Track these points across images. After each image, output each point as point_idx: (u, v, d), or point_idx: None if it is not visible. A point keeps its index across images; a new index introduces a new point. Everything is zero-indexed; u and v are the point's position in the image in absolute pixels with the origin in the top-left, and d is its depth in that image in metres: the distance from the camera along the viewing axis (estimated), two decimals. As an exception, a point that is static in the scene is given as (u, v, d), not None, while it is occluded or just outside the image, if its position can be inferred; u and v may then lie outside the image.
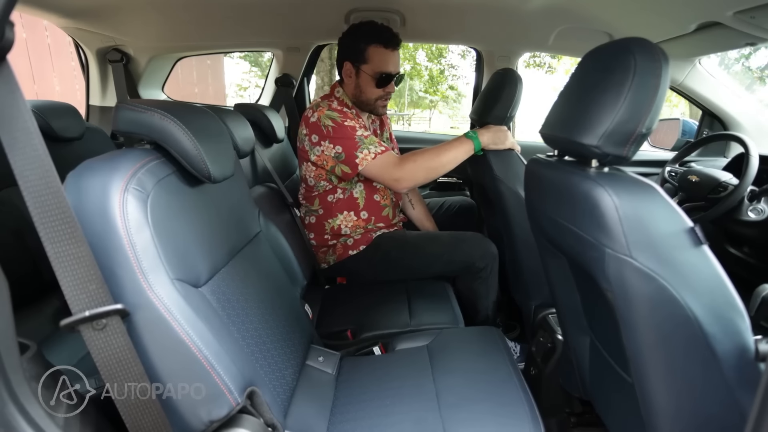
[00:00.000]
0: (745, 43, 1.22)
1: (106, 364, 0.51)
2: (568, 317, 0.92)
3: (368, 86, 1.35)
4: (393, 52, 1.32)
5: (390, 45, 1.31)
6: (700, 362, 0.57)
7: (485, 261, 1.35)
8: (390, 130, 1.64)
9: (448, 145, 1.28)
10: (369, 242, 1.41)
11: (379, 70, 1.32)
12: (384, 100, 1.39)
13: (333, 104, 1.33)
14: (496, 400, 0.83)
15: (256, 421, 0.63)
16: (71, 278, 0.48)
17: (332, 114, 1.29)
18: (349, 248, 1.40)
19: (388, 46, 1.31)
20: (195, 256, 0.67)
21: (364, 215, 1.41)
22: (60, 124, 1.27)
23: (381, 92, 1.36)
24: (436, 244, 1.38)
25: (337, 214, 1.39)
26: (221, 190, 0.82)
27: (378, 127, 1.55)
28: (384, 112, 1.44)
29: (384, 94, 1.37)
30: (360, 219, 1.41)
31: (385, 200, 1.45)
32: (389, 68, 1.33)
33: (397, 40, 1.33)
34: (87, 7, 1.53)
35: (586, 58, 0.69)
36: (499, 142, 1.27)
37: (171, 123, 0.65)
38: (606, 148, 0.62)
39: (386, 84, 1.35)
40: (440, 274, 1.40)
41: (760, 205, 1.19)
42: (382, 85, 1.35)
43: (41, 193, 0.45)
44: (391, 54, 1.32)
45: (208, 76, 6.29)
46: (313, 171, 1.36)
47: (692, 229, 0.56)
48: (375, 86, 1.35)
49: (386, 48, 1.31)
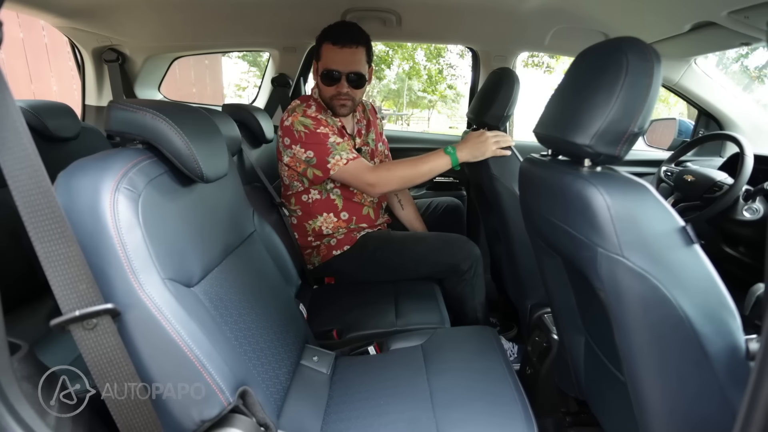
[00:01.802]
0: (740, 43, 1.22)
1: (96, 364, 0.51)
2: (563, 317, 0.92)
3: (321, 84, 1.32)
4: (341, 49, 1.26)
5: (339, 42, 1.25)
6: (692, 362, 0.57)
7: (468, 263, 1.34)
8: (379, 129, 1.60)
9: (426, 158, 1.28)
10: (353, 242, 1.41)
11: (324, 66, 1.28)
12: (339, 99, 1.32)
13: (309, 110, 1.32)
14: (489, 399, 0.83)
15: (249, 421, 0.62)
16: (61, 278, 0.48)
17: (305, 120, 1.28)
18: (333, 248, 1.40)
19: (336, 42, 1.25)
20: (187, 255, 0.67)
21: (344, 216, 1.42)
22: (55, 124, 1.26)
23: (333, 91, 1.31)
24: (420, 245, 1.38)
25: (316, 215, 1.40)
26: (214, 189, 0.82)
27: (364, 128, 1.53)
28: (344, 113, 1.36)
29: (336, 93, 1.31)
30: (341, 220, 1.42)
31: (364, 201, 1.45)
32: (334, 65, 1.27)
33: (348, 38, 1.26)
34: (83, 7, 1.52)
35: (579, 58, 0.69)
36: (478, 154, 1.25)
37: (163, 122, 0.65)
38: (598, 148, 0.62)
39: (334, 82, 1.29)
40: (425, 275, 1.39)
41: (755, 205, 1.19)
42: (329, 82, 1.29)
43: (31, 192, 0.45)
44: (338, 51, 1.26)
45: (206, 76, 6.28)
46: (286, 171, 1.38)
47: (684, 228, 0.56)
48: (324, 83, 1.30)
49: (334, 45, 1.26)
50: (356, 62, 1.29)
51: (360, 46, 1.28)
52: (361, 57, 1.30)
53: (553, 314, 1.05)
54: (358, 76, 1.30)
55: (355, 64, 1.29)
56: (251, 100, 2.28)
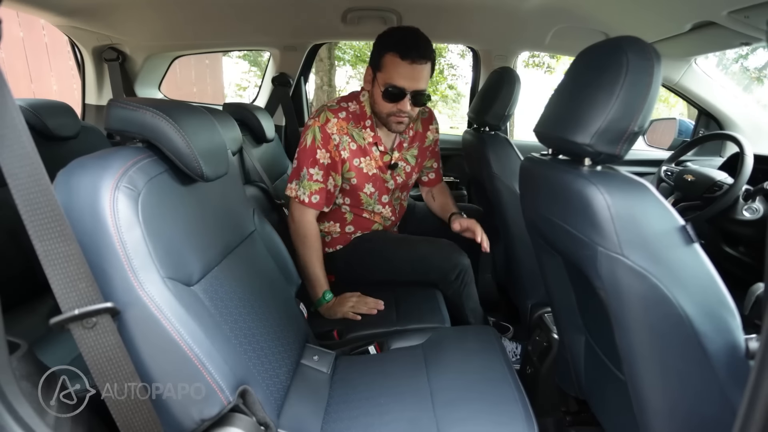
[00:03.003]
0: (740, 42, 1.22)
1: (96, 363, 0.51)
2: (564, 316, 0.92)
3: (378, 97, 1.21)
4: (410, 64, 1.14)
5: (408, 56, 1.14)
6: (692, 360, 0.57)
7: (454, 273, 1.31)
8: (428, 141, 1.45)
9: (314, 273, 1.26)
10: (347, 242, 1.41)
11: (388, 81, 1.17)
12: (397, 116, 1.22)
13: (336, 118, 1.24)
14: (490, 399, 0.83)
15: (249, 420, 0.62)
16: (61, 276, 0.48)
17: (317, 134, 1.23)
18: (326, 245, 1.39)
19: (405, 57, 1.14)
20: (187, 254, 0.67)
21: (349, 229, 1.41)
22: (55, 123, 1.26)
23: (392, 107, 1.20)
24: (408, 252, 1.35)
25: (323, 221, 1.39)
26: (214, 188, 0.82)
27: (407, 141, 1.39)
28: (400, 130, 1.27)
29: (396, 111, 1.21)
30: (344, 231, 1.41)
31: (374, 217, 1.42)
32: (399, 81, 1.16)
33: (418, 53, 1.14)
34: (83, 6, 1.52)
35: (579, 57, 0.69)
36: (335, 311, 1.23)
37: (163, 121, 0.65)
38: (598, 147, 0.62)
39: (396, 99, 1.19)
40: (414, 281, 1.36)
41: (755, 204, 1.19)
42: (390, 99, 1.19)
43: (30, 190, 0.45)
44: (406, 66, 1.15)
45: (207, 75, 6.28)
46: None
47: (684, 227, 0.56)
48: (385, 99, 1.20)
49: (402, 59, 1.14)
50: (423, 79, 1.19)
51: (428, 61, 1.18)
52: (428, 74, 1.20)
53: (553, 313, 1.05)
54: (423, 93, 1.21)
55: (422, 81, 1.19)
56: (252, 100, 2.28)
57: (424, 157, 1.48)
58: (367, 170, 1.32)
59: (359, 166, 1.31)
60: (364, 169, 1.32)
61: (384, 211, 1.42)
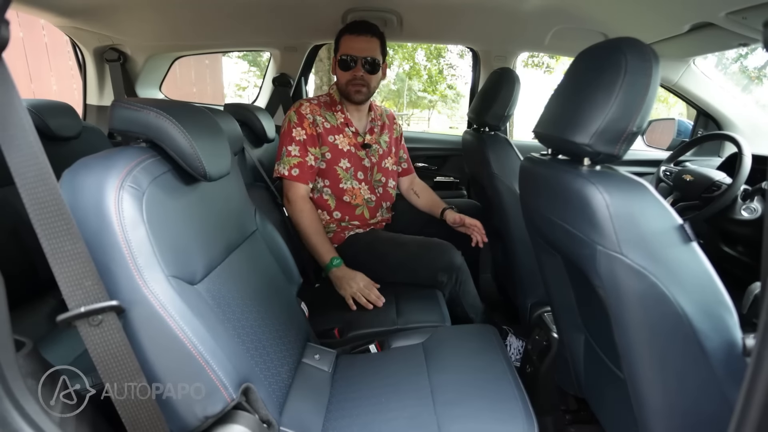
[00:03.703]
0: (738, 43, 1.23)
1: (102, 360, 0.51)
2: (563, 315, 0.93)
3: (338, 71, 1.41)
4: (358, 36, 1.36)
5: (355, 31, 1.36)
6: (691, 359, 0.58)
7: (446, 275, 1.33)
8: (395, 134, 1.62)
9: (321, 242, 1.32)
10: (342, 241, 1.44)
11: (341, 53, 1.38)
12: (354, 84, 1.39)
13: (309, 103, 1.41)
14: (490, 397, 0.84)
15: (251, 417, 0.63)
16: (67, 274, 0.48)
17: (292, 116, 1.38)
18: None
19: (353, 32, 1.36)
20: (190, 253, 0.67)
21: (336, 215, 1.46)
22: (57, 123, 1.27)
23: (348, 75, 1.38)
24: (401, 252, 1.37)
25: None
26: (217, 188, 0.82)
27: (378, 128, 1.54)
28: (359, 99, 1.43)
29: (352, 78, 1.38)
30: (333, 218, 1.45)
31: (356, 200, 1.46)
32: (351, 51, 1.36)
33: (364, 28, 1.36)
34: (84, 6, 1.53)
35: (578, 58, 0.70)
36: (342, 285, 1.27)
37: (166, 121, 0.65)
38: (597, 147, 0.63)
39: (349, 67, 1.37)
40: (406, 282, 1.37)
41: (753, 204, 1.20)
42: (346, 67, 1.38)
43: (38, 189, 0.45)
44: (354, 39, 1.36)
45: (207, 75, 6.29)
46: None
47: (682, 226, 0.57)
48: (341, 69, 1.38)
49: (351, 34, 1.36)
50: (371, 49, 1.37)
51: (375, 36, 1.38)
52: (375, 45, 1.38)
53: (552, 313, 1.05)
54: (373, 61, 1.38)
55: (370, 50, 1.37)
56: (252, 100, 2.28)
57: (398, 146, 1.64)
58: (341, 147, 1.44)
59: (334, 143, 1.43)
60: (339, 146, 1.44)
61: (362, 188, 1.47)
